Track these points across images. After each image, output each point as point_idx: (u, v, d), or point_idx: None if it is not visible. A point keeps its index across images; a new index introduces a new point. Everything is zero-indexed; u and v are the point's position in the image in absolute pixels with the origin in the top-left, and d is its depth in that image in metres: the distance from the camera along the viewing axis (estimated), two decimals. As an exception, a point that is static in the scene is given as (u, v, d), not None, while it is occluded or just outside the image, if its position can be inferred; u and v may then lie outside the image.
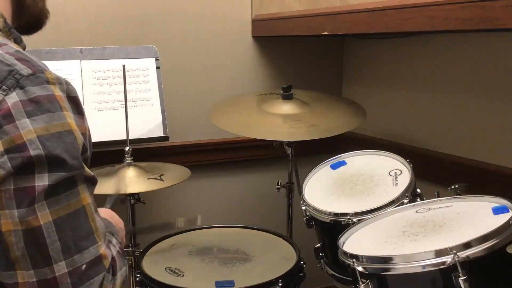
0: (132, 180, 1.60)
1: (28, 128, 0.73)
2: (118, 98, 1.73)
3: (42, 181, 0.74)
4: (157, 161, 1.82)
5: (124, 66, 1.63)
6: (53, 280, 0.76)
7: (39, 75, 0.77)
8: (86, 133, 0.82)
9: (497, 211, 1.13)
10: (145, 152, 1.91)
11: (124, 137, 1.65)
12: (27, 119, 0.73)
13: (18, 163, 0.72)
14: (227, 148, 2.16)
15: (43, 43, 1.83)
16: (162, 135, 1.77)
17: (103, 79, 1.74)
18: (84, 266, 0.78)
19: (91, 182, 0.82)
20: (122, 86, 1.64)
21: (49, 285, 0.76)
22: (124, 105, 1.64)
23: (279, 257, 1.58)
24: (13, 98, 0.74)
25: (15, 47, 0.82)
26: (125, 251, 1.64)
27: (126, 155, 1.66)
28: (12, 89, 0.74)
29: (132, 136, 1.67)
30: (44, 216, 0.74)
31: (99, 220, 0.83)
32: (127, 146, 1.65)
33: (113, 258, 0.85)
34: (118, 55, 1.78)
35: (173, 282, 1.42)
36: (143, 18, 1.99)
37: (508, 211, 1.12)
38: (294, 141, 1.78)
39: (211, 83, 2.14)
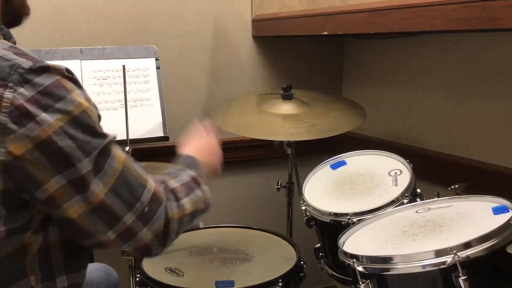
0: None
1: (49, 122, 0.77)
2: (118, 98, 1.73)
3: (86, 167, 0.81)
4: (157, 161, 1.82)
5: (124, 66, 1.63)
6: (127, 229, 0.88)
7: (40, 65, 0.79)
8: (93, 103, 0.88)
9: (497, 211, 1.13)
10: (145, 152, 1.91)
11: (124, 137, 1.65)
12: (45, 113, 0.77)
13: (51, 155, 0.78)
14: (227, 148, 2.14)
15: (43, 43, 1.83)
16: (162, 135, 1.77)
17: (103, 79, 1.74)
18: (146, 208, 0.90)
19: (114, 139, 0.89)
20: (122, 86, 1.64)
21: (126, 233, 0.89)
22: (124, 105, 1.64)
23: (279, 257, 1.58)
24: (23, 95, 0.76)
25: (7, 43, 0.84)
26: (124, 251, 1.64)
27: (126, 155, 1.65)
28: (18, 84, 0.76)
29: (132, 136, 1.67)
30: (102, 191, 0.84)
31: (138, 165, 0.93)
32: (127, 146, 1.65)
33: (171, 190, 0.98)
34: (118, 55, 1.78)
35: (173, 282, 1.42)
36: (143, 18, 1.99)
37: (508, 211, 1.12)
38: (294, 141, 1.78)
39: (211, 83, 2.14)
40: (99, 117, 0.87)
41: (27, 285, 0.85)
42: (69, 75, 0.84)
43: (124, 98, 1.63)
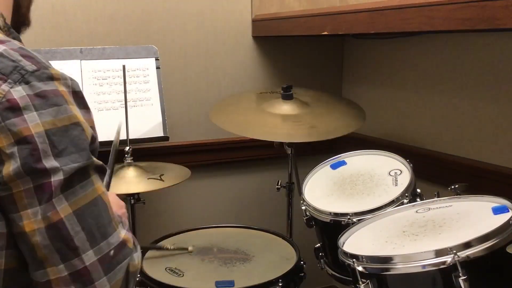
0: (132, 180, 1.60)
1: (35, 122, 0.75)
2: (118, 98, 1.73)
3: (57, 176, 0.75)
4: (157, 161, 1.82)
5: (124, 66, 1.64)
6: (84, 270, 0.77)
7: (44, 71, 0.78)
8: (94, 127, 0.84)
9: (497, 211, 1.13)
10: (145, 152, 1.91)
11: (124, 137, 1.65)
12: (34, 112, 0.75)
13: (27, 154, 0.74)
14: (227, 148, 2.16)
15: (43, 43, 1.83)
16: (162, 135, 1.77)
17: (103, 79, 1.74)
18: (112, 251, 0.80)
19: (101, 171, 0.84)
20: (122, 86, 1.64)
21: (81, 275, 0.77)
22: (124, 105, 1.64)
23: (279, 257, 1.58)
24: (19, 92, 0.75)
25: (18, 44, 0.83)
26: None
27: (126, 155, 1.66)
28: (17, 83, 0.76)
29: (132, 136, 1.67)
30: (63, 210, 0.76)
31: (115, 213, 0.85)
32: (127, 146, 1.65)
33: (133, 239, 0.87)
34: (118, 55, 1.78)
35: (173, 282, 1.42)
36: (143, 18, 1.99)
37: (508, 211, 1.12)
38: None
39: (211, 83, 2.14)
40: (93, 139, 0.82)
41: None
42: (77, 91, 0.81)
43: (124, 98, 1.64)
